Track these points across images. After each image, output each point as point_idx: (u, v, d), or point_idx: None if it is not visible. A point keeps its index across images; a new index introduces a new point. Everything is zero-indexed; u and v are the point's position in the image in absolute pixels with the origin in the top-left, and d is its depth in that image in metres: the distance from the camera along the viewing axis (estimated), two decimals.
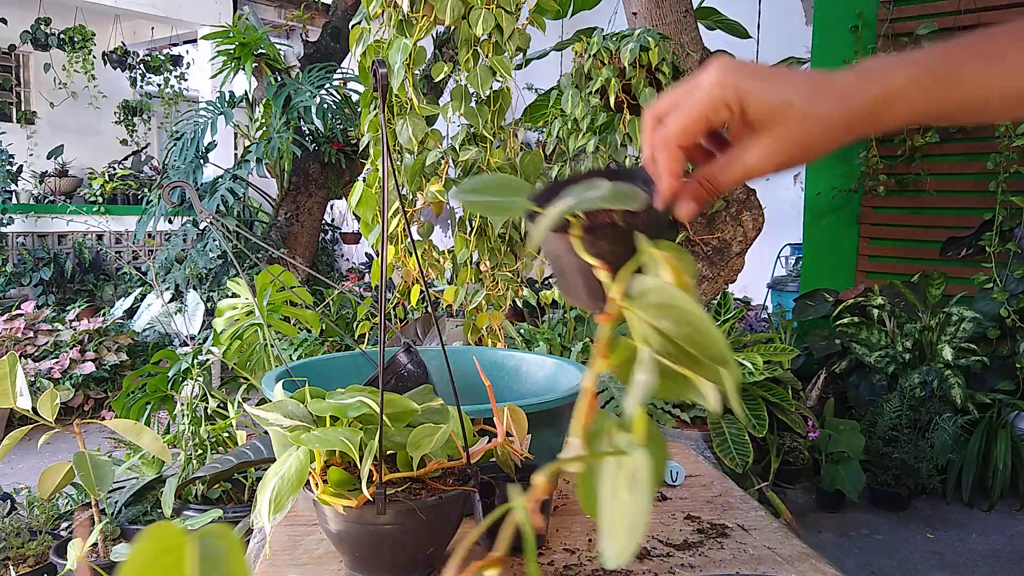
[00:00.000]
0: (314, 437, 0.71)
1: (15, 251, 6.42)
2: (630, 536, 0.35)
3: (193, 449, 2.14)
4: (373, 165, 2.23)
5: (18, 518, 2.27)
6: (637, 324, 0.43)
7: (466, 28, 1.97)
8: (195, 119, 5.39)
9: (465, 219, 2.18)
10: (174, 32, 7.44)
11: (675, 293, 0.42)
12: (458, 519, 0.82)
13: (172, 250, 5.72)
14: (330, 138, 5.64)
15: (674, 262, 0.44)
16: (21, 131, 7.32)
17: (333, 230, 8.27)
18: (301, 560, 0.86)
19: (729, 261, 3.34)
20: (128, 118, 7.88)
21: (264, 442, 1.03)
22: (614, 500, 0.37)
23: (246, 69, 5.24)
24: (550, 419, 1.00)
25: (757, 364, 2.84)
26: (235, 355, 2.34)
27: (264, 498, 0.70)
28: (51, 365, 4.47)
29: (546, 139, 3.24)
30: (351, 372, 1.17)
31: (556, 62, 5.58)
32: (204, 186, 5.39)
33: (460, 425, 0.80)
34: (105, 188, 6.96)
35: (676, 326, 0.41)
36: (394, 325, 2.35)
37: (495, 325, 2.20)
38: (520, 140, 2.19)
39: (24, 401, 1.40)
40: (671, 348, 0.41)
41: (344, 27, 5.77)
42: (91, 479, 1.38)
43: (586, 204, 0.49)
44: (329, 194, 5.96)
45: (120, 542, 1.96)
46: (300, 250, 5.88)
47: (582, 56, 2.94)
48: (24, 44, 7.02)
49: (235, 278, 2.51)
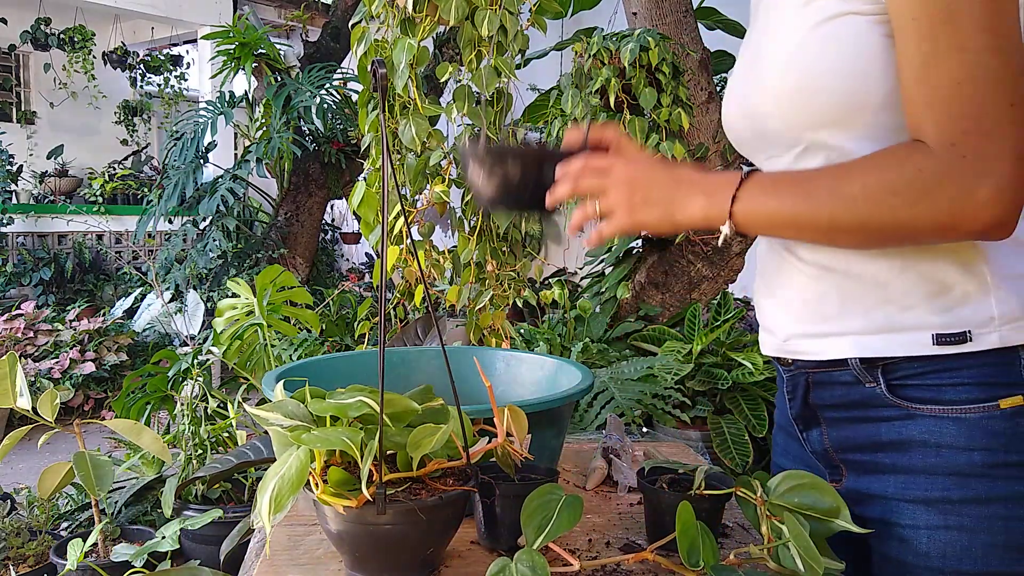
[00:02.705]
0: (314, 437, 0.71)
1: (15, 251, 6.42)
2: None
3: (193, 449, 2.14)
4: (374, 165, 2.23)
5: (18, 518, 2.27)
6: None
7: (470, 29, 1.97)
8: (195, 119, 5.39)
9: (466, 219, 2.18)
10: (174, 32, 7.44)
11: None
12: (458, 519, 0.82)
13: (172, 250, 5.72)
14: (330, 138, 5.64)
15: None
16: (21, 131, 7.31)
17: (333, 230, 8.26)
18: (301, 560, 0.86)
19: (729, 261, 3.34)
20: (128, 118, 7.88)
21: (264, 442, 1.03)
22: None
23: (246, 69, 5.23)
24: (550, 419, 1.00)
25: (757, 364, 2.84)
26: (235, 355, 2.34)
27: (264, 498, 0.70)
28: (51, 365, 4.47)
29: (546, 139, 3.23)
30: (351, 372, 1.17)
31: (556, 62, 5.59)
32: (204, 186, 5.39)
33: (460, 425, 0.80)
34: (105, 188, 6.96)
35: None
36: (394, 325, 2.35)
37: (497, 325, 2.20)
38: (520, 140, 2.19)
39: (24, 401, 1.40)
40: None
41: (344, 27, 5.77)
42: (91, 479, 1.38)
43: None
44: (329, 194, 5.96)
45: (120, 542, 1.96)
46: (300, 250, 5.87)
47: (582, 56, 2.94)
48: (24, 44, 7.02)
49: (235, 278, 2.51)
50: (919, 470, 0.81)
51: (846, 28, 0.76)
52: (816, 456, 0.92)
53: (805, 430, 0.93)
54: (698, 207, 0.79)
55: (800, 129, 0.82)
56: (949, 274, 0.78)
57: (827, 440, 0.89)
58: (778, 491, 0.81)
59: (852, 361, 0.83)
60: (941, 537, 0.79)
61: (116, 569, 1.67)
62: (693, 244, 3.23)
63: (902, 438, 0.81)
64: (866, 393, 0.83)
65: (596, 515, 1.00)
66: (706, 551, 0.75)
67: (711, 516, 0.87)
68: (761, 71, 0.85)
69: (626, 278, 3.43)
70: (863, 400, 0.84)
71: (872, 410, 0.83)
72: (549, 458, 1.02)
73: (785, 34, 0.81)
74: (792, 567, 0.75)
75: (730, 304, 3.15)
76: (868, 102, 0.77)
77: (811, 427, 0.92)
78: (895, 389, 0.81)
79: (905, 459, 0.81)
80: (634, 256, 3.50)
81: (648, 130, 2.88)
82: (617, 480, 1.10)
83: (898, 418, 0.82)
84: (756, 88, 0.86)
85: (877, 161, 0.73)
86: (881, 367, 0.82)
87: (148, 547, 1.57)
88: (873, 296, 0.81)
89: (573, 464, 1.20)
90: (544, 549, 0.74)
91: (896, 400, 0.81)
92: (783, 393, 0.96)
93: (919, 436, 0.80)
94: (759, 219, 0.78)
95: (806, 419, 0.92)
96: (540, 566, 0.70)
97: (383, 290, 0.72)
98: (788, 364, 0.92)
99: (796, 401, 0.92)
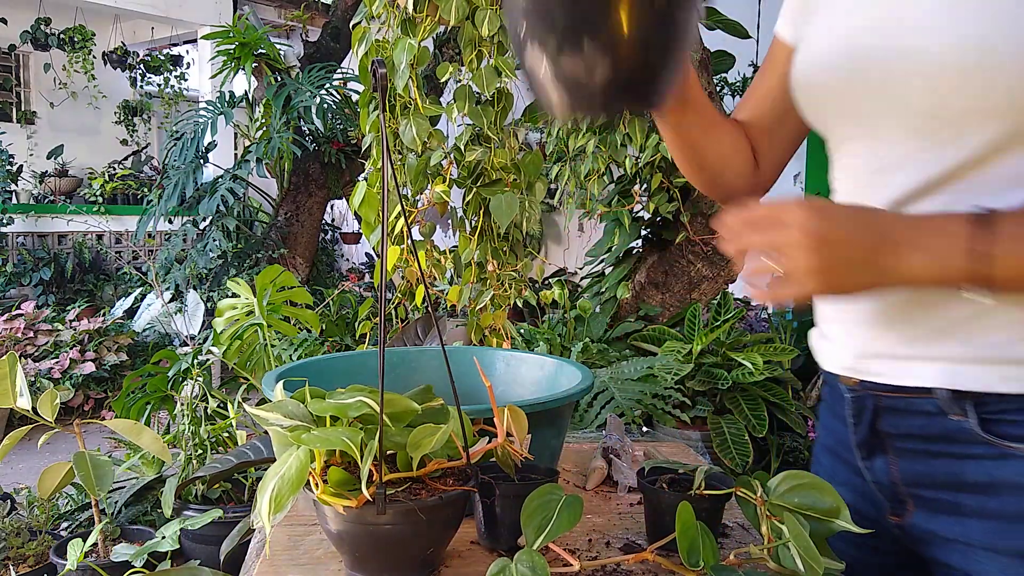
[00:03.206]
0: (314, 437, 0.71)
1: (15, 251, 6.42)
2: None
3: (193, 449, 2.14)
4: (374, 165, 2.23)
5: (18, 518, 2.27)
6: None
7: (470, 29, 1.97)
8: (195, 119, 5.39)
9: (467, 219, 2.18)
10: (174, 32, 7.43)
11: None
12: (458, 519, 0.82)
13: (172, 250, 5.72)
14: (330, 138, 5.63)
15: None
16: (21, 131, 7.31)
17: (333, 230, 8.26)
18: (301, 560, 0.86)
19: (729, 261, 3.33)
20: (128, 118, 7.88)
21: (264, 442, 1.03)
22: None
23: (246, 69, 5.23)
24: (550, 419, 1.00)
25: (757, 364, 2.84)
26: (235, 355, 2.34)
27: (264, 498, 0.70)
28: (51, 365, 4.47)
29: (546, 139, 3.24)
30: (351, 372, 1.17)
31: None
32: (204, 186, 5.39)
33: (460, 425, 0.80)
34: (105, 188, 6.96)
35: None
36: (395, 325, 2.35)
37: (498, 325, 2.20)
38: (521, 140, 2.19)
39: (24, 401, 1.40)
40: None
41: (344, 27, 5.76)
42: (91, 479, 1.38)
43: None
44: (329, 194, 5.96)
45: (120, 542, 1.96)
46: (300, 250, 5.87)
47: None
48: (24, 44, 7.02)
49: (235, 278, 2.51)
50: (1012, 516, 0.71)
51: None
52: (878, 487, 0.83)
53: (867, 458, 0.83)
54: (924, 269, 0.63)
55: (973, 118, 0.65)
56: None
57: (896, 472, 0.80)
58: (778, 491, 0.80)
59: (939, 391, 0.73)
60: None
61: (116, 569, 1.67)
62: (693, 244, 3.23)
63: (992, 480, 0.72)
64: (951, 426, 0.73)
65: (596, 515, 1.00)
66: (706, 551, 0.75)
67: (711, 516, 0.87)
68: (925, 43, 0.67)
69: (626, 278, 3.43)
70: (947, 434, 0.74)
71: (957, 445, 0.74)
72: (549, 458, 1.02)
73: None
74: (792, 567, 0.74)
75: (730, 304, 3.14)
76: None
77: (875, 455, 0.82)
78: (988, 424, 0.71)
79: (995, 503, 0.72)
80: (634, 256, 3.50)
81: (648, 130, 2.88)
82: (617, 480, 1.10)
83: (988, 456, 0.72)
84: (1004, 32, 0.64)
85: None
86: (973, 400, 0.71)
87: (148, 547, 1.57)
88: (979, 321, 0.70)
89: (573, 464, 1.20)
90: (544, 549, 0.74)
91: (988, 437, 0.71)
92: (840, 415, 0.86)
93: (1013, 479, 0.71)
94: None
95: (870, 446, 0.82)
96: (540, 567, 0.70)
97: (383, 290, 0.72)
98: (853, 383, 0.81)
99: (862, 427, 0.82)
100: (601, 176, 3.06)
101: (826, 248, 0.62)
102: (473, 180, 2.09)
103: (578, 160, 3.08)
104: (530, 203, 2.12)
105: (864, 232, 0.63)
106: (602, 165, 3.04)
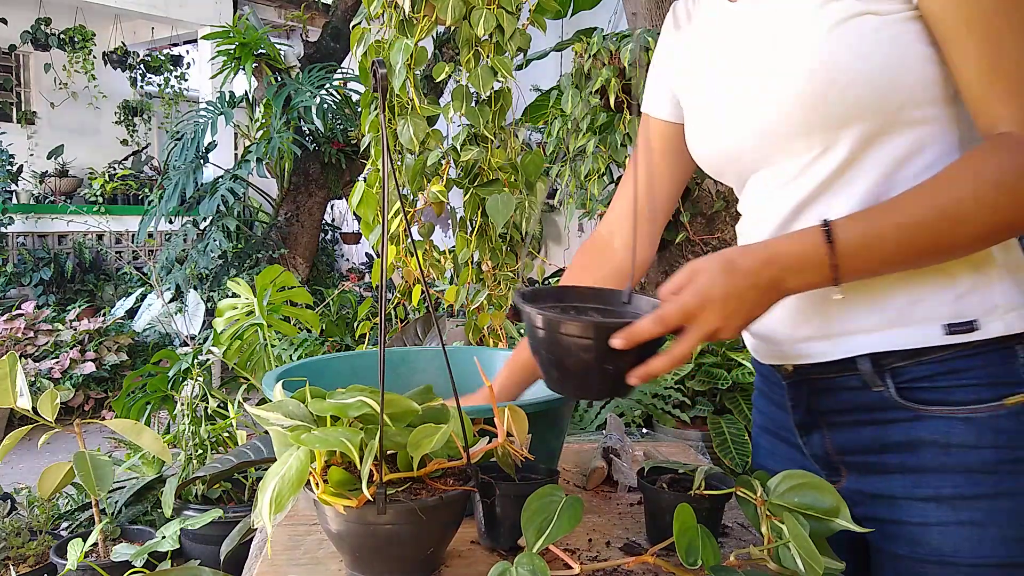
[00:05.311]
0: (314, 437, 0.71)
1: (15, 251, 6.42)
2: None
3: (193, 449, 2.14)
4: (374, 165, 2.23)
5: (18, 518, 2.27)
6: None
7: (467, 28, 1.97)
8: (195, 119, 5.40)
9: (466, 219, 2.18)
10: (174, 32, 7.44)
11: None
12: (458, 519, 0.82)
13: (173, 250, 5.72)
14: (330, 138, 5.64)
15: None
16: (21, 131, 7.31)
17: (333, 230, 8.27)
18: (302, 560, 0.86)
19: None
20: (128, 118, 7.88)
21: (264, 442, 1.03)
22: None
23: (246, 69, 5.24)
24: (550, 419, 1.00)
25: None
26: (235, 355, 2.34)
27: (264, 498, 0.70)
28: (51, 365, 4.47)
29: (546, 139, 3.24)
30: (351, 372, 1.17)
31: (556, 62, 5.59)
32: (204, 186, 5.39)
33: (460, 425, 0.80)
34: (105, 188, 6.96)
35: None
36: (395, 325, 2.35)
37: (496, 325, 2.20)
38: (521, 140, 2.19)
39: (24, 401, 1.40)
40: None
41: (344, 27, 5.77)
42: (91, 479, 1.38)
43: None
44: (329, 194, 5.96)
45: (120, 542, 1.96)
46: (300, 250, 5.88)
47: (582, 56, 2.94)
48: (24, 44, 7.02)
49: (235, 278, 2.51)
50: (929, 469, 0.82)
51: (868, 24, 0.77)
52: (815, 459, 0.93)
53: (805, 435, 0.93)
54: (800, 287, 0.77)
55: (834, 127, 0.80)
56: (957, 266, 0.79)
57: (828, 443, 0.90)
58: (778, 491, 0.81)
59: (862, 364, 0.83)
60: (952, 532, 0.81)
61: (116, 569, 1.67)
62: (693, 244, 3.23)
63: (910, 439, 0.83)
64: (874, 397, 0.84)
65: (596, 515, 1.00)
66: (706, 551, 0.75)
67: (711, 516, 0.87)
68: (779, 81, 0.82)
69: None
70: (871, 404, 0.85)
71: (879, 413, 0.85)
72: (549, 458, 1.02)
73: (801, 41, 0.80)
74: (792, 567, 0.75)
75: None
76: (899, 96, 0.78)
77: (811, 432, 0.92)
78: (904, 392, 0.83)
79: (914, 459, 0.83)
80: None
81: None
82: (617, 480, 1.10)
83: (906, 420, 0.83)
84: (772, 101, 0.83)
85: (973, 163, 0.74)
86: (890, 370, 0.83)
87: (148, 547, 1.57)
88: (882, 292, 0.82)
89: (573, 464, 1.20)
90: (544, 551, 0.74)
91: (905, 403, 0.82)
92: (777, 402, 0.96)
93: (928, 436, 0.82)
94: (867, 261, 0.76)
95: (807, 425, 0.92)
96: (541, 570, 0.70)
97: (383, 290, 0.72)
98: (788, 372, 0.92)
99: (799, 410, 0.92)
100: (601, 176, 3.06)
101: (727, 309, 0.75)
102: (470, 180, 2.09)
103: (578, 160, 3.08)
104: (530, 203, 2.12)
105: (749, 284, 0.75)
106: (602, 165, 3.04)
